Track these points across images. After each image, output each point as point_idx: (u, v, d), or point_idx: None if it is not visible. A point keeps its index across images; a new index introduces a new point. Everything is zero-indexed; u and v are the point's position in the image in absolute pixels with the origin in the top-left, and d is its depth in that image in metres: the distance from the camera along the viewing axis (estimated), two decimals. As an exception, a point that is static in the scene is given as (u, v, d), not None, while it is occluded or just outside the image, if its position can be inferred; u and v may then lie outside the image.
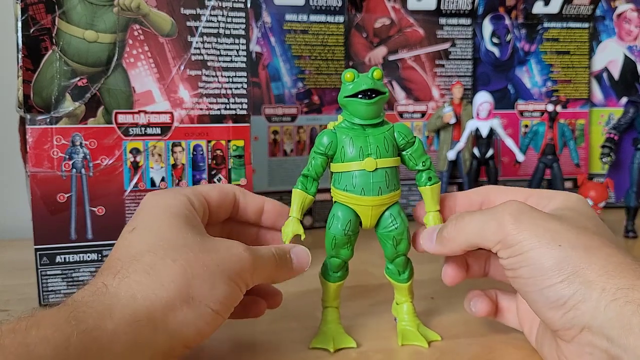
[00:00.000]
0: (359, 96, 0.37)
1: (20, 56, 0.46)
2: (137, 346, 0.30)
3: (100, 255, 0.50)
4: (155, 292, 0.31)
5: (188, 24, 0.51)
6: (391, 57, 0.86)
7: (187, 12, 0.51)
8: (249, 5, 0.53)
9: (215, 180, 0.53)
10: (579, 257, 0.31)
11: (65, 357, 0.26)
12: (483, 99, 0.75)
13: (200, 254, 0.34)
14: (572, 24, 0.92)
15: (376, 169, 0.38)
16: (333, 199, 0.40)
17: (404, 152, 0.40)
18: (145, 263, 0.33)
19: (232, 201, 0.41)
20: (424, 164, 0.40)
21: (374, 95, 0.37)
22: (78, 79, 0.48)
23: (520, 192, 0.40)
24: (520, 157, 0.77)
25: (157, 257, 0.33)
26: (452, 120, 0.82)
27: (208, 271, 0.33)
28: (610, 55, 0.95)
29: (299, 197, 0.39)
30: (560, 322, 0.31)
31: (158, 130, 0.51)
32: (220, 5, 0.52)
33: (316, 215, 0.81)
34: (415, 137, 0.40)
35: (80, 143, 0.48)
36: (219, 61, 0.52)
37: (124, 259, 0.33)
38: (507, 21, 0.90)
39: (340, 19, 0.81)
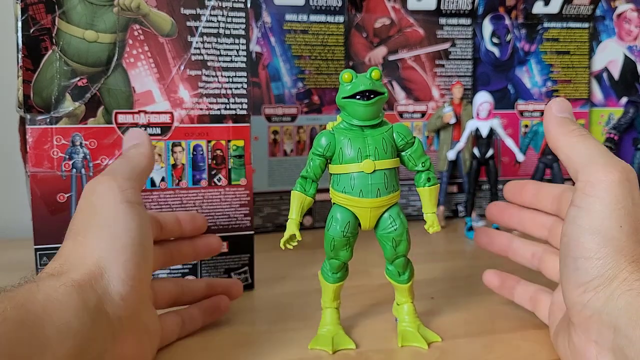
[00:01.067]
0: (357, 97, 0.37)
1: (20, 56, 0.46)
2: (71, 310, 0.30)
3: (100, 255, 0.50)
4: (72, 262, 0.33)
5: (188, 24, 0.51)
6: (391, 57, 0.86)
7: (187, 12, 0.51)
8: (249, 5, 0.53)
9: (215, 180, 0.53)
10: (624, 244, 0.31)
11: (3, 331, 0.26)
12: (483, 99, 0.75)
13: (88, 211, 0.36)
14: (572, 24, 0.92)
15: (374, 170, 0.37)
16: (332, 201, 0.40)
17: (403, 153, 0.39)
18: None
19: (157, 222, 0.43)
20: (423, 164, 0.40)
21: (372, 96, 0.37)
22: (78, 79, 0.48)
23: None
24: (520, 157, 0.77)
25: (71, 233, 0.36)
26: (452, 120, 0.82)
27: (103, 221, 0.35)
28: (610, 55, 0.95)
29: (298, 199, 0.39)
30: (577, 299, 0.32)
31: (158, 130, 0.51)
32: (220, 5, 0.52)
33: (316, 215, 0.81)
34: (414, 137, 0.39)
35: (80, 143, 0.48)
36: (219, 61, 0.52)
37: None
38: (507, 21, 0.90)
39: (340, 19, 0.81)
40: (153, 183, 0.51)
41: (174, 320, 0.42)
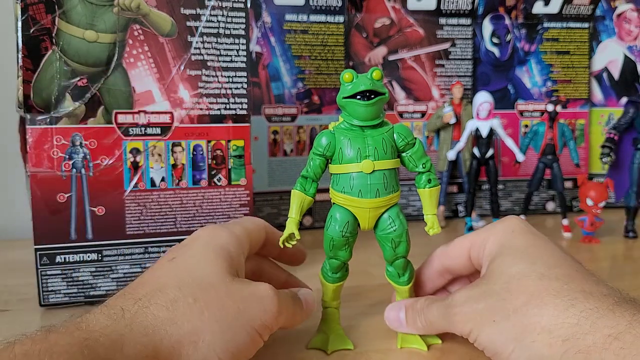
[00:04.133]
0: (357, 97, 0.37)
1: (20, 56, 0.46)
2: None
3: (100, 255, 0.50)
4: (166, 329, 0.31)
5: (188, 24, 0.51)
6: (391, 57, 0.86)
7: (187, 12, 0.51)
8: (249, 5, 0.53)
9: (215, 180, 0.53)
10: (519, 325, 0.32)
11: None
12: (483, 99, 0.75)
13: (225, 298, 0.33)
14: (572, 24, 0.92)
15: (374, 170, 0.37)
16: (332, 201, 0.40)
17: (403, 154, 0.39)
18: (167, 297, 0.32)
19: (264, 237, 0.42)
20: (424, 165, 0.39)
21: (372, 96, 0.37)
22: (78, 79, 0.48)
23: (464, 243, 0.41)
24: (520, 157, 0.77)
25: (181, 293, 0.33)
26: (452, 120, 0.82)
27: (228, 317, 0.33)
28: (610, 55, 0.95)
29: (298, 198, 0.39)
30: None
31: (158, 130, 0.51)
32: (220, 5, 0.52)
33: (316, 215, 0.81)
34: (415, 138, 0.39)
35: (80, 143, 0.48)
36: (219, 61, 0.52)
37: (150, 288, 0.33)
38: (507, 21, 0.90)
39: (340, 19, 0.81)
40: (153, 183, 0.51)
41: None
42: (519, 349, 0.31)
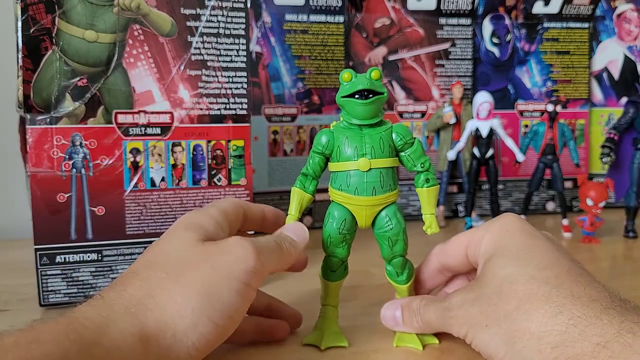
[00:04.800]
0: (356, 96, 0.37)
1: (20, 56, 0.46)
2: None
3: (100, 255, 0.50)
4: (147, 305, 0.31)
5: (188, 24, 0.51)
6: (391, 57, 0.86)
7: (187, 12, 0.51)
8: (249, 5, 0.53)
9: (215, 180, 0.53)
10: (509, 330, 0.32)
11: None
12: (483, 99, 0.75)
13: (197, 262, 0.33)
14: (572, 24, 0.92)
15: (370, 169, 0.38)
16: (330, 198, 0.40)
17: (402, 153, 0.39)
18: (141, 278, 0.33)
19: (242, 213, 0.41)
20: (422, 165, 0.40)
21: (370, 96, 0.37)
22: (78, 79, 0.48)
23: (462, 240, 0.41)
24: (520, 157, 0.77)
25: (152, 271, 0.33)
26: (452, 120, 0.82)
27: (204, 278, 0.33)
28: (610, 55, 0.95)
29: (298, 196, 0.40)
30: None
31: (158, 130, 0.51)
32: (220, 5, 0.52)
33: (316, 215, 0.81)
34: (414, 138, 0.39)
35: (80, 143, 0.48)
36: (219, 61, 0.52)
37: (125, 276, 0.34)
38: (507, 21, 0.90)
39: (340, 19, 0.81)
40: (153, 183, 0.51)
41: None
42: (510, 354, 0.32)
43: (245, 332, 0.41)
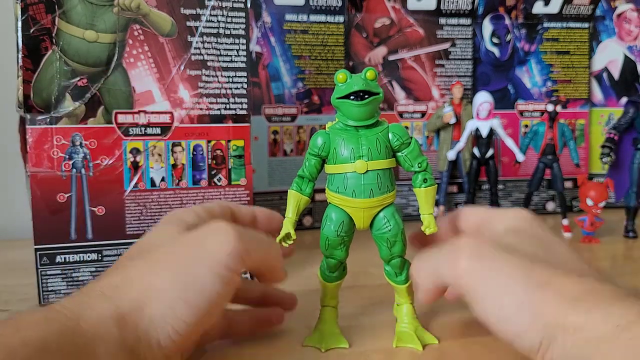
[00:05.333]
0: (351, 97, 0.37)
1: (20, 56, 0.46)
2: (111, 345, 0.29)
3: (100, 255, 0.50)
4: (122, 288, 0.31)
5: (188, 24, 0.51)
6: (391, 57, 0.86)
7: (187, 12, 0.51)
8: (249, 5, 0.53)
9: (215, 180, 0.53)
10: (533, 302, 0.31)
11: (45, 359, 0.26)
12: (483, 99, 0.75)
13: (176, 248, 0.33)
14: (572, 24, 0.92)
15: (367, 171, 0.37)
16: (327, 200, 0.40)
17: (399, 154, 0.39)
18: (118, 267, 0.33)
19: (230, 214, 0.41)
20: (419, 165, 0.39)
21: (366, 97, 0.37)
22: (78, 79, 0.48)
23: (478, 213, 0.41)
24: (520, 157, 0.77)
25: (130, 261, 0.33)
26: (452, 120, 0.82)
27: (183, 262, 0.32)
28: (610, 55, 0.95)
29: (294, 198, 0.39)
30: None
31: (158, 130, 0.51)
32: (220, 5, 0.52)
33: (316, 215, 0.81)
34: (411, 138, 0.39)
35: (80, 143, 0.48)
36: (219, 61, 0.52)
37: (106, 270, 0.34)
38: (507, 21, 0.90)
39: (340, 19, 0.81)
40: (153, 183, 0.51)
41: (221, 322, 0.40)
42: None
43: (243, 323, 0.41)
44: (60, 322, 0.29)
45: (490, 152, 0.77)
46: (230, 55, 0.53)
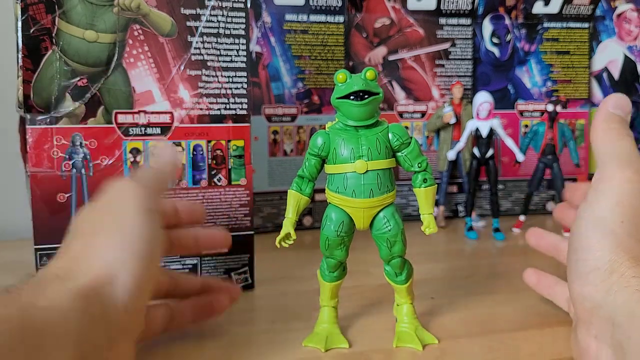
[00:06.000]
0: (351, 97, 0.37)
1: (20, 56, 0.46)
2: (73, 320, 0.29)
3: (100, 255, 0.50)
4: (73, 269, 0.32)
5: (188, 24, 0.51)
6: (391, 57, 0.86)
7: (187, 12, 0.51)
8: (249, 5, 0.53)
9: (215, 180, 0.53)
10: (623, 239, 0.32)
11: (4, 341, 0.26)
12: (483, 99, 0.75)
13: (99, 214, 0.35)
14: (572, 24, 0.92)
15: (367, 171, 0.37)
16: (327, 200, 0.40)
17: (399, 154, 0.39)
18: (58, 254, 0.35)
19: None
20: (419, 165, 0.39)
21: (365, 97, 0.37)
22: (78, 79, 0.48)
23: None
24: (520, 157, 0.77)
25: (64, 245, 0.35)
26: (452, 120, 0.82)
27: (111, 220, 0.34)
28: (610, 55, 0.95)
29: (294, 199, 0.40)
30: (578, 291, 0.32)
31: (158, 130, 0.51)
32: (220, 5, 0.52)
33: (316, 215, 0.81)
34: (410, 138, 0.39)
35: (80, 143, 0.49)
36: (219, 61, 0.52)
37: (50, 261, 0.35)
38: (507, 21, 0.90)
39: (340, 19, 0.81)
40: (153, 183, 0.51)
41: (163, 314, 0.41)
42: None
43: (185, 313, 0.42)
44: (19, 301, 0.28)
45: (490, 152, 0.77)
46: (230, 55, 0.53)
